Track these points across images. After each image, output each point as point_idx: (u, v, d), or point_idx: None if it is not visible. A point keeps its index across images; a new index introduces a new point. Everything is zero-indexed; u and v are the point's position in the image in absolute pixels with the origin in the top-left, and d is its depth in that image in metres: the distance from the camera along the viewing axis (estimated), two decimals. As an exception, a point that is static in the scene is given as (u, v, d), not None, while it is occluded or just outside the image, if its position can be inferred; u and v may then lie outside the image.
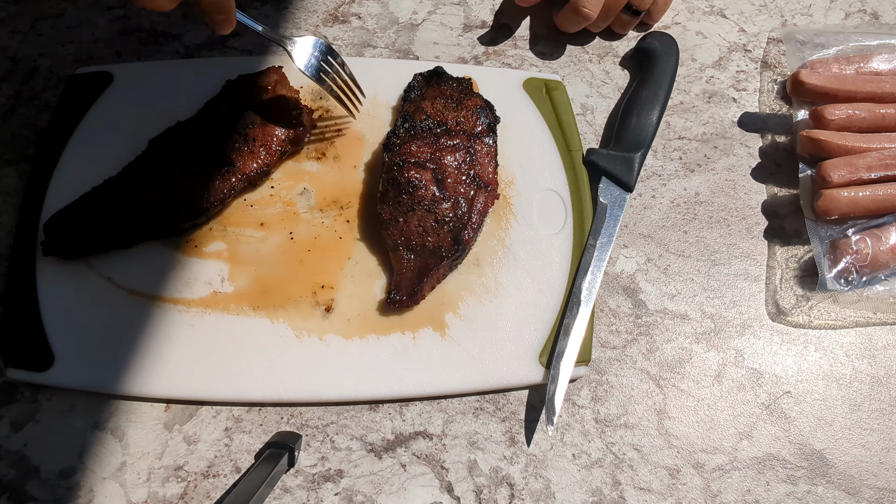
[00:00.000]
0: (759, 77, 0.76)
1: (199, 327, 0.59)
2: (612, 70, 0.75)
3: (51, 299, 0.58)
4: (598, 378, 0.63)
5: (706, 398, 0.63)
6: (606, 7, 0.71)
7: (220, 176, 0.60)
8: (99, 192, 0.60)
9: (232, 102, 0.62)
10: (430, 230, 0.60)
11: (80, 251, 0.58)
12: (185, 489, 0.56)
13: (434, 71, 0.66)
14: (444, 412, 0.60)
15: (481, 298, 0.62)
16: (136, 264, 0.60)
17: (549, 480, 0.59)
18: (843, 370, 0.65)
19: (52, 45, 0.70)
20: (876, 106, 0.67)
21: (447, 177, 0.61)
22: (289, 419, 0.59)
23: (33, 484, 0.56)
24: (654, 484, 0.60)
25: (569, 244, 0.65)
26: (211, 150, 0.60)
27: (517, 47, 0.75)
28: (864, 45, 0.73)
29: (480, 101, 0.65)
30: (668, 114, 0.73)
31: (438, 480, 0.58)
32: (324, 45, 0.61)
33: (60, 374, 0.56)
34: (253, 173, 0.61)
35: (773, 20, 0.79)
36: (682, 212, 0.70)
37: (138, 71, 0.67)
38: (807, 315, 0.66)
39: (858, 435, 0.63)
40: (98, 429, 0.57)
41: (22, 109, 0.67)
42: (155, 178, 0.59)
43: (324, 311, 0.60)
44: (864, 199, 0.64)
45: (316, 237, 0.63)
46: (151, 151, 0.61)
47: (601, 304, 0.65)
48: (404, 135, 0.62)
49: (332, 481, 0.58)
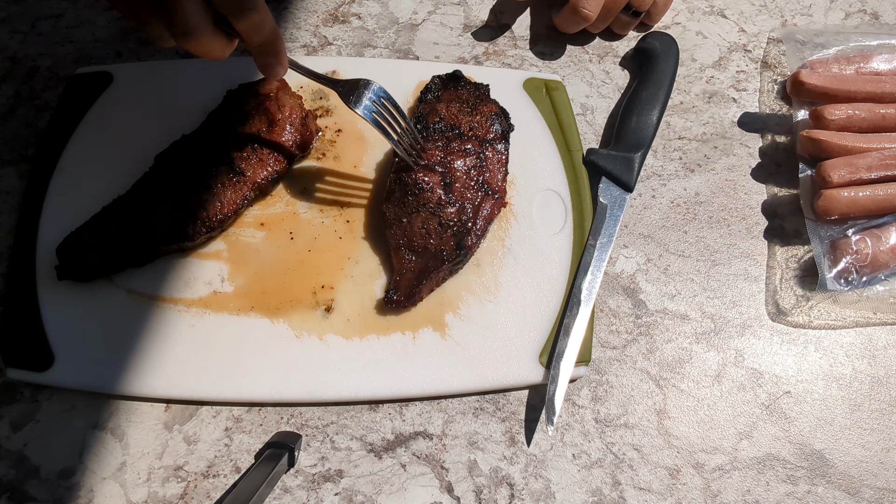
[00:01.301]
0: (759, 77, 0.76)
1: (199, 327, 0.59)
2: (612, 70, 0.75)
3: (51, 299, 0.58)
4: (598, 378, 0.63)
5: (706, 398, 0.63)
6: (606, 8, 0.71)
7: (233, 186, 0.60)
8: (109, 212, 0.59)
9: (236, 112, 0.62)
10: (434, 233, 0.60)
11: (94, 272, 0.58)
12: (185, 489, 0.56)
13: (452, 74, 0.67)
14: (444, 412, 0.60)
15: (481, 298, 0.62)
16: (136, 264, 0.60)
17: (549, 480, 0.59)
18: (843, 370, 0.65)
19: (52, 45, 0.70)
20: (876, 106, 0.67)
21: (455, 181, 0.61)
22: (289, 419, 0.59)
23: (33, 484, 0.56)
24: (654, 484, 0.60)
25: (569, 244, 0.65)
26: (220, 161, 0.60)
27: (517, 47, 0.75)
28: (864, 45, 0.73)
29: (496, 108, 0.65)
30: (668, 114, 0.73)
31: (438, 480, 0.58)
32: (380, 90, 0.58)
33: (60, 374, 0.56)
34: (264, 181, 0.61)
35: (773, 20, 0.79)
36: (682, 212, 0.70)
37: (138, 71, 0.67)
38: (807, 315, 0.66)
39: (858, 435, 0.63)
40: (98, 429, 0.57)
41: (22, 109, 0.67)
42: (166, 194, 0.59)
43: (324, 311, 0.60)
44: (864, 199, 0.64)
45: (316, 237, 0.63)
46: (159, 167, 0.61)
47: (601, 304, 0.65)
48: None
49: (332, 481, 0.58)
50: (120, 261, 0.58)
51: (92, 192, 0.61)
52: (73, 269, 0.57)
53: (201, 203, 0.59)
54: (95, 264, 0.57)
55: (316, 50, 0.72)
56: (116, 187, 0.61)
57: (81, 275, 0.58)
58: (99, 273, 0.58)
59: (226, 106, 0.63)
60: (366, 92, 0.57)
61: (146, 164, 0.61)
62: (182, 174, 0.60)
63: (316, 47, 0.73)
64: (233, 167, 0.60)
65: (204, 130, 0.62)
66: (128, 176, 0.61)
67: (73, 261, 0.57)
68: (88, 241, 0.58)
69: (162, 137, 0.62)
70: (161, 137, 0.62)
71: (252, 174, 0.60)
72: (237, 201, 0.60)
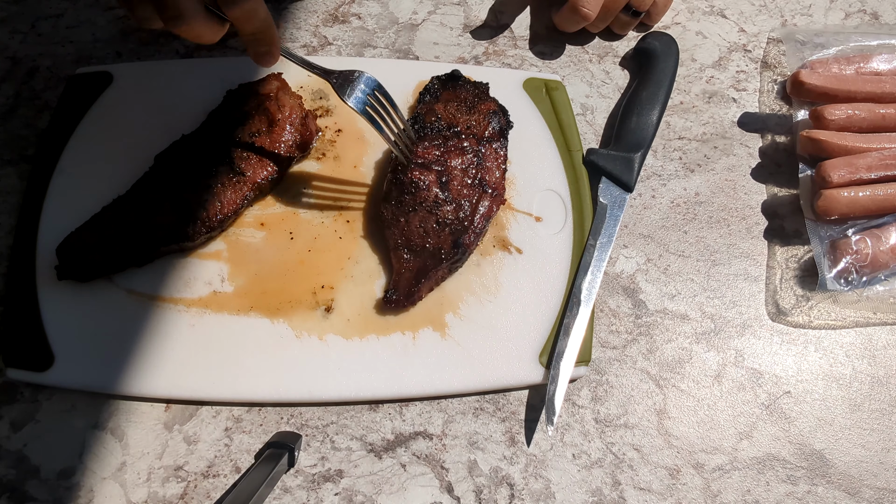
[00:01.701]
0: (759, 77, 0.76)
1: (199, 327, 0.59)
2: (612, 70, 0.75)
3: (51, 299, 0.58)
4: (598, 378, 0.63)
5: (706, 398, 0.63)
6: (605, 7, 0.71)
7: (232, 186, 0.60)
8: (109, 212, 0.59)
9: (236, 112, 0.62)
10: (431, 232, 0.60)
11: (94, 272, 0.58)
12: (185, 489, 0.56)
13: (451, 74, 0.67)
14: (444, 412, 0.60)
15: (481, 298, 0.62)
16: (136, 264, 0.60)
17: (549, 480, 0.59)
18: (843, 370, 0.65)
19: (52, 45, 0.70)
20: (876, 106, 0.67)
21: (452, 179, 0.61)
22: (289, 419, 0.59)
23: (33, 484, 0.56)
24: (654, 484, 0.60)
25: (569, 244, 0.65)
26: (220, 161, 0.60)
27: (517, 47, 0.75)
28: (864, 45, 0.73)
29: (494, 106, 0.65)
30: (668, 114, 0.73)
31: (438, 480, 0.58)
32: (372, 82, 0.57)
33: (60, 374, 0.56)
34: (264, 181, 0.61)
35: (773, 20, 0.79)
36: (682, 212, 0.70)
37: (138, 71, 0.67)
38: (807, 315, 0.66)
39: (858, 435, 0.63)
40: (98, 429, 0.57)
41: (22, 109, 0.67)
42: (166, 194, 0.59)
43: (324, 311, 0.60)
44: (864, 199, 0.64)
45: (316, 237, 0.63)
46: (159, 167, 0.61)
47: (601, 304, 0.65)
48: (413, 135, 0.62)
49: (332, 481, 0.58)
50: (120, 261, 0.58)
51: (92, 192, 0.61)
52: (74, 270, 0.57)
53: (201, 203, 0.59)
54: (95, 264, 0.57)
55: (316, 50, 0.72)
56: (116, 187, 0.61)
57: (81, 275, 0.58)
58: (99, 273, 0.58)
59: (226, 106, 0.63)
60: (358, 84, 0.56)
61: (146, 164, 0.61)
62: (182, 174, 0.60)
63: (316, 47, 0.73)
64: (233, 167, 0.60)
65: (204, 131, 0.62)
66: (128, 176, 0.61)
67: (74, 261, 0.57)
68: (88, 241, 0.58)
69: (162, 137, 0.62)
70: (161, 137, 0.62)
71: (252, 174, 0.60)
72: (237, 201, 0.60)
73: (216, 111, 0.63)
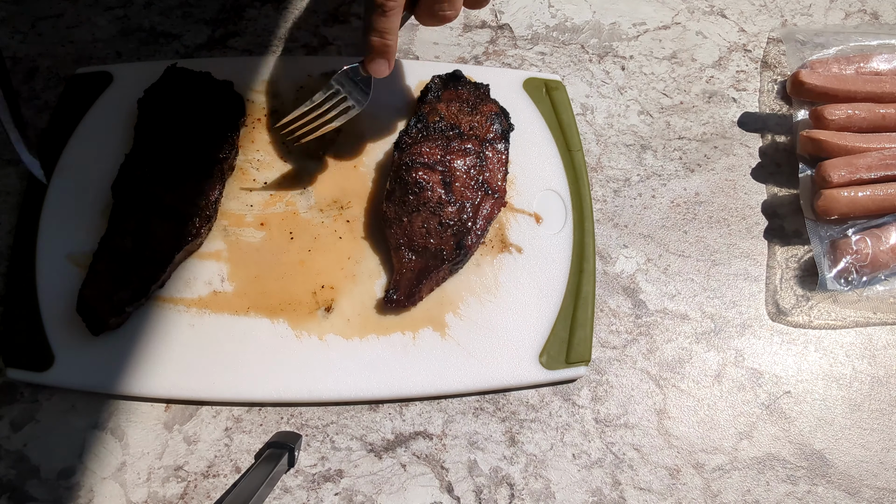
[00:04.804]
0: (759, 77, 0.76)
1: (199, 327, 0.59)
2: (612, 70, 0.75)
3: (51, 299, 0.58)
4: (598, 378, 0.63)
5: (706, 398, 0.63)
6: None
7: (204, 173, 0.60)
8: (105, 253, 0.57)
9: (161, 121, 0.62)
10: (434, 232, 0.60)
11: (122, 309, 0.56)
12: (185, 489, 0.56)
13: (452, 74, 0.67)
14: (444, 412, 0.60)
15: (481, 298, 0.62)
16: (136, 264, 0.60)
17: (549, 480, 0.59)
18: (843, 370, 0.65)
19: (52, 45, 0.70)
20: (876, 106, 0.67)
21: (455, 180, 0.61)
22: (289, 419, 0.59)
23: (33, 484, 0.56)
24: (654, 484, 0.60)
25: (569, 244, 0.65)
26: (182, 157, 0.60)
27: (517, 47, 0.75)
28: (864, 45, 0.73)
29: (496, 108, 0.65)
30: (668, 114, 0.73)
31: (438, 480, 0.58)
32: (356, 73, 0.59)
33: (60, 374, 0.56)
34: (226, 155, 0.61)
35: (773, 20, 0.79)
36: (682, 212, 0.70)
37: (138, 71, 0.67)
38: (807, 315, 0.66)
39: (858, 435, 0.63)
40: (98, 429, 0.57)
41: (22, 109, 0.67)
42: (147, 210, 0.58)
43: (324, 311, 0.60)
44: (864, 199, 0.64)
45: (316, 237, 0.63)
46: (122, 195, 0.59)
47: (601, 304, 0.65)
48: (416, 135, 0.62)
49: (332, 481, 0.58)
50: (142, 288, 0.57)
51: (92, 192, 0.61)
52: (102, 319, 0.56)
53: (185, 198, 0.59)
54: (123, 302, 0.56)
55: (316, 50, 0.72)
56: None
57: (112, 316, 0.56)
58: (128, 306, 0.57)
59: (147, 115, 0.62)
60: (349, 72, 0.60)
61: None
62: (150, 187, 0.59)
63: (316, 47, 0.73)
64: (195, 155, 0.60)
65: (142, 143, 0.61)
66: (128, 176, 0.61)
67: (97, 312, 0.56)
68: (103, 288, 0.56)
69: (162, 137, 0.62)
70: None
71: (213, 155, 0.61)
72: (216, 187, 0.60)
73: (139, 124, 0.62)
